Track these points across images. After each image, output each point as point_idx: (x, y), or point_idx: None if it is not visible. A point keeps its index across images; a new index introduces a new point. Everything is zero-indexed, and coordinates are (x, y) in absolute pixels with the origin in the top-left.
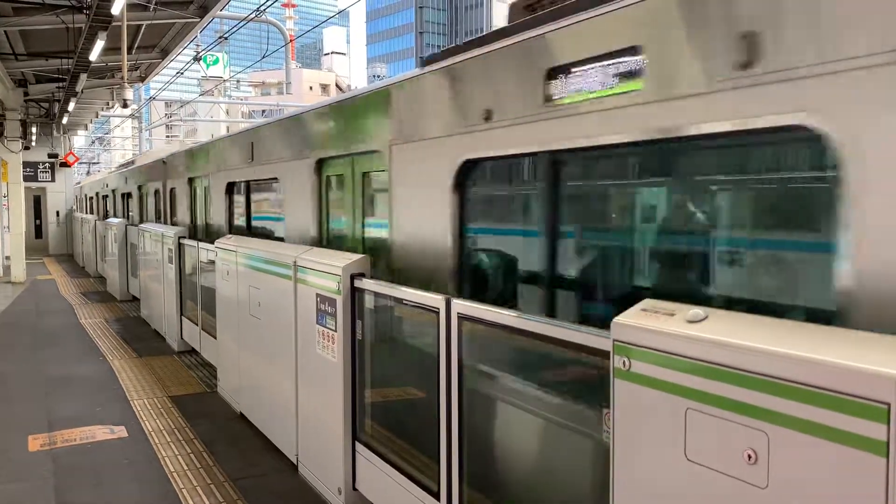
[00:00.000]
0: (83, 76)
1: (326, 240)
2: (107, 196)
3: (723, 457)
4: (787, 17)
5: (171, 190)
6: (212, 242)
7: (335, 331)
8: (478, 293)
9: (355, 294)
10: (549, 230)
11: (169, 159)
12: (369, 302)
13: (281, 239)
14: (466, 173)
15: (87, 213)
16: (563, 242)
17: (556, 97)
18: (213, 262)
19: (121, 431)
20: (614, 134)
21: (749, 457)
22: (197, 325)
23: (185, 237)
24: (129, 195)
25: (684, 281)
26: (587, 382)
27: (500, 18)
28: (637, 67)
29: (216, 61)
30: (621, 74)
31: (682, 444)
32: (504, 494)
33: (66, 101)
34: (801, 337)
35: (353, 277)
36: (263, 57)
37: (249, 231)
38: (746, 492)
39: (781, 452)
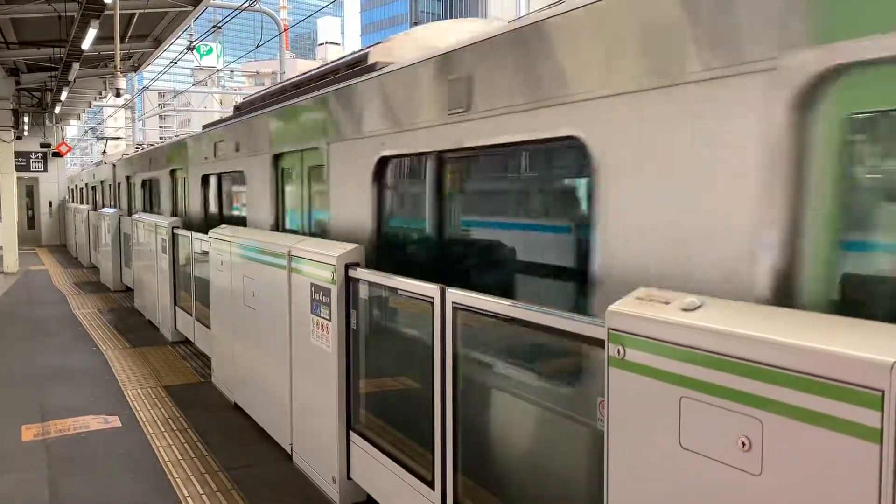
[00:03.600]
0: (75, 65)
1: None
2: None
3: (717, 444)
4: None
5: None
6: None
7: (329, 320)
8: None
9: (350, 284)
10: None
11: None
12: (363, 291)
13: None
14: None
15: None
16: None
17: None
18: (207, 253)
19: (115, 421)
20: None
21: (743, 444)
22: (191, 315)
23: (178, 227)
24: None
25: None
26: (580, 370)
27: (495, 8)
28: None
29: (210, 51)
30: None
31: (676, 432)
32: (497, 482)
33: (59, 91)
34: (796, 324)
35: (347, 267)
36: (257, 46)
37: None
38: (740, 479)
39: (775, 440)
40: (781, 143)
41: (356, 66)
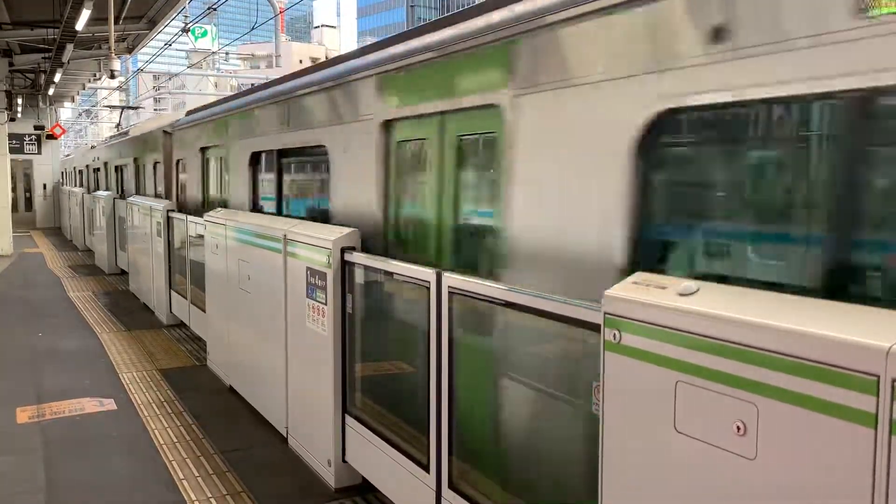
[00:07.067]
0: (69, 46)
1: None
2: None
3: (712, 429)
4: None
5: None
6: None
7: (325, 304)
8: None
9: (345, 268)
10: None
11: None
12: (359, 276)
13: None
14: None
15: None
16: None
17: None
18: (202, 236)
19: (110, 404)
20: None
21: (738, 428)
22: (186, 298)
23: (173, 210)
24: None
25: None
26: (576, 355)
27: None
28: None
29: (205, 34)
30: None
31: (671, 417)
32: (493, 466)
33: (53, 72)
34: (792, 309)
35: (343, 251)
36: (252, 29)
37: None
38: (735, 463)
39: (770, 424)
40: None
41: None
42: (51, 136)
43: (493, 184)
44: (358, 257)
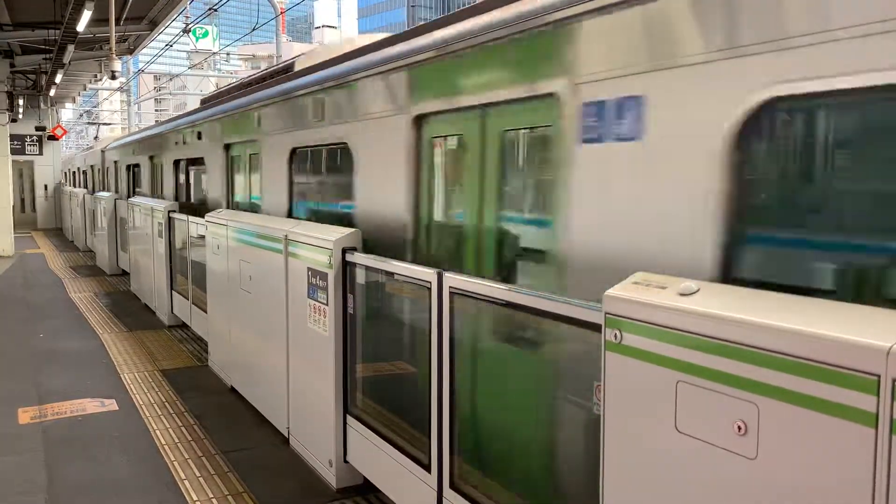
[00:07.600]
0: (70, 47)
1: None
2: None
3: (713, 428)
4: None
5: None
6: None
7: (326, 305)
8: None
9: (347, 268)
10: None
11: None
12: (360, 276)
13: None
14: None
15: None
16: None
17: None
18: (203, 237)
19: (111, 405)
20: None
21: (739, 428)
22: (187, 299)
23: (174, 211)
24: None
25: None
26: (576, 355)
27: None
28: None
29: (205, 34)
30: None
31: (672, 417)
32: (493, 466)
33: (54, 73)
34: (792, 309)
35: (344, 251)
36: (253, 29)
37: None
38: (736, 463)
39: (771, 424)
40: None
41: None
42: (52, 137)
43: None
44: (359, 258)
